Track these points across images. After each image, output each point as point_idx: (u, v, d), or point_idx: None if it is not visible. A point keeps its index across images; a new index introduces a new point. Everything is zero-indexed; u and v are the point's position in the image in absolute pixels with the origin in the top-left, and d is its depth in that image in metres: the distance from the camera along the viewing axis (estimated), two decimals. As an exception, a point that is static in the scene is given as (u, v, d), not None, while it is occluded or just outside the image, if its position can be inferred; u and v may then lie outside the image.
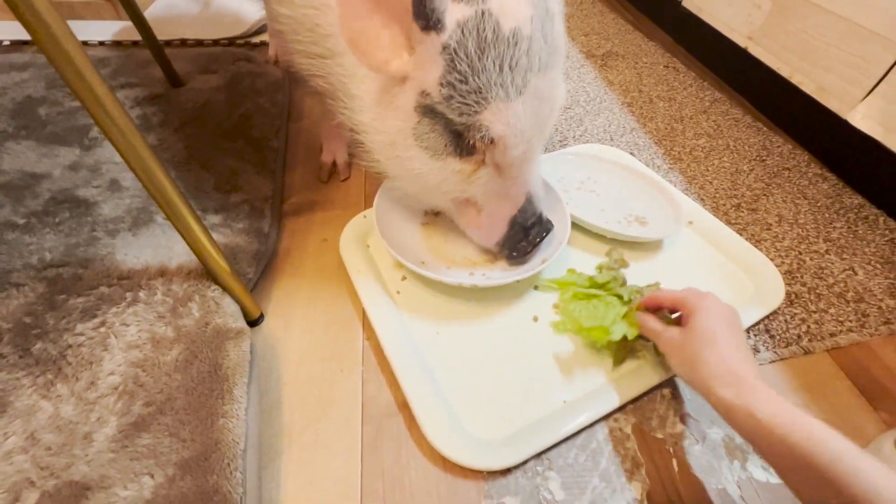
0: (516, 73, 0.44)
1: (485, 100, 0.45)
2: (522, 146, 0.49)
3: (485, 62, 0.43)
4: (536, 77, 0.45)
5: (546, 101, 0.48)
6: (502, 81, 0.44)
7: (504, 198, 0.55)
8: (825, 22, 0.80)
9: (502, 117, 0.45)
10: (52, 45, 0.36)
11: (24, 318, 0.52)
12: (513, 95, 0.45)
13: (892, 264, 0.69)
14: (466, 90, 0.44)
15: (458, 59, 0.43)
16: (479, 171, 0.52)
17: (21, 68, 1.01)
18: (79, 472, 0.42)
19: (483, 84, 0.44)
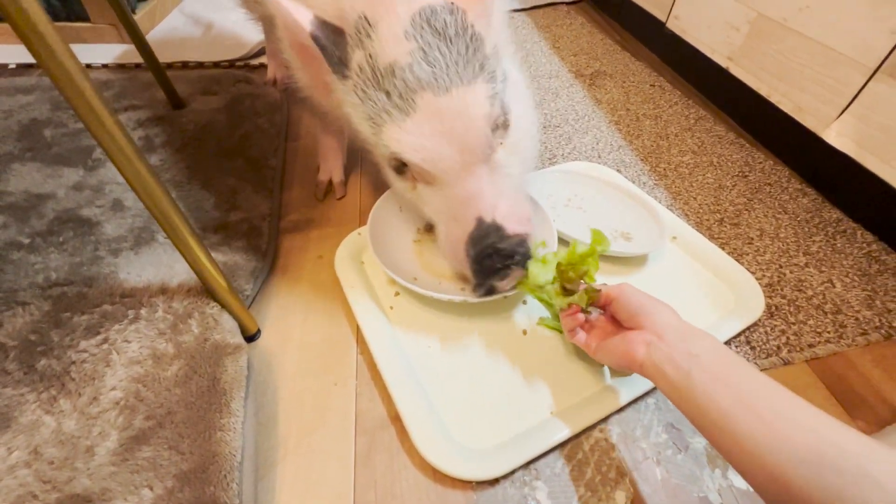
0: (395, 98, 0.49)
1: (377, 124, 0.51)
2: (432, 162, 0.50)
3: (369, 94, 0.50)
4: (425, 97, 0.48)
5: (454, 119, 0.48)
6: (386, 108, 0.49)
7: (453, 220, 0.55)
8: (798, 44, 0.84)
9: (394, 136, 0.50)
10: (56, 69, 0.38)
11: (29, 335, 0.54)
12: (399, 117, 0.49)
13: (869, 276, 0.71)
14: (366, 116, 0.51)
15: (359, 93, 0.51)
16: (416, 188, 0.56)
17: (27, 91, 1.04)
18: (81, 486, 0.44)
19: (371, 111, 0.50)
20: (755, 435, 0.34)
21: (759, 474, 0.35)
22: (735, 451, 0.36)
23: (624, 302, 0.50)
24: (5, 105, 0.99)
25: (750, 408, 0.35)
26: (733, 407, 0.36)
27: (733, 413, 0.36)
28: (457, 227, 0.54)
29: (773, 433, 0.34)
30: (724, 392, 0.37)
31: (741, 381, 0.37)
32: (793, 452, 0.32)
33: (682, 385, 0.40)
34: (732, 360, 0.40)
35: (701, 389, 0.39)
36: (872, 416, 0.56)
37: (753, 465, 0.35)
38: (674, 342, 0.43)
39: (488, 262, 0.53)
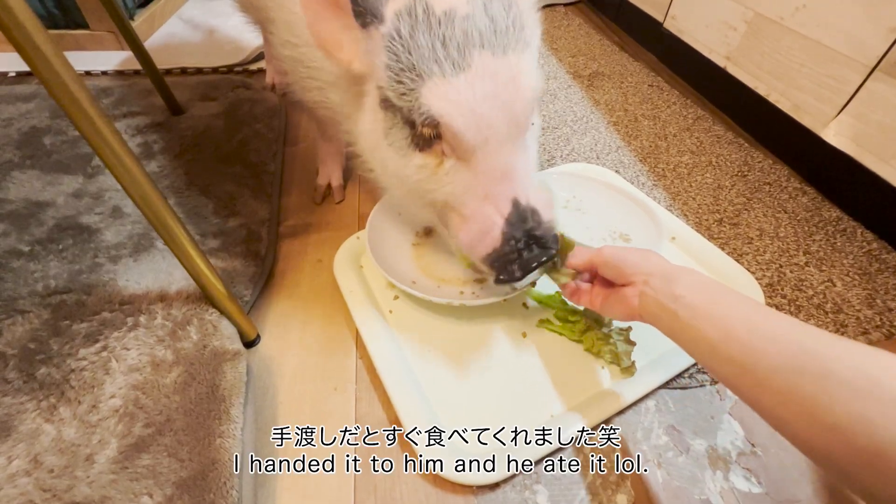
0: (451, 48, 0.43)
1: (420, 76, 0.44)
2: (477, 129, 0.45)
3: (417, 40, 0.43)
4: (483, 55, 0.44)
5: (506, 84, 0.45)
6: (436, 57, 0.43)
7: (481, 199, 0.48)
8: (795, 43, 0.84)
9: (441, 93, 0.44)
10: (51, 78, 0.38)
11: (29, 343, 0.54)
12: (450, 71, 0.43)
13: (870, 275, 0.71)
14: (401, 68, 0.45)
15: (394, 41, 0.44)
16: (443, 164, 0.48)
17: (26, 99, 1.05)
18: (80, 494, 0.44)
19: (416, 60, 0.44)
20: (737, 357, 0.36)
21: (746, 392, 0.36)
22: (725, 374, 0.38)
23: (608, 265, 0.51)
24: (5, 113, 0.99)
25: (730, 334, 0.37)
26: (717, 336, 0.38)
27: (717, 342, 0.38)
28: (489, 207, 0.48)
29: (752, 352, 0.35)
30: (708, 325, 0.39)
31: (722, 311, 0.39)
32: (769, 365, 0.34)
33: (673, 325, 0.42)
34: (713, 293, 0.41)
35: (688, 325, 0.40)
36: (874, 416, 0.56)
37: (741, 384, 0.37)
38: (659, 286, 0.44)
39: (529, 255, 0.48)
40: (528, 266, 0.48)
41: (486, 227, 0.49)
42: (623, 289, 0.49)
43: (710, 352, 0.39)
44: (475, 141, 0.45)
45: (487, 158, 0.47)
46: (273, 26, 0.62)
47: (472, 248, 0.51)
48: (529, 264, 0.48)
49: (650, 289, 0.45)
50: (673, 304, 0.42)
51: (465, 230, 0.51)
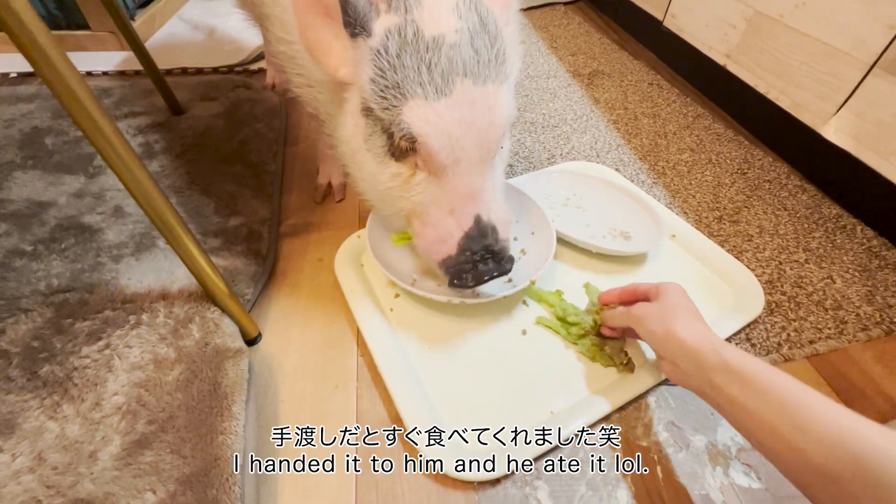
0: (436, 73, 0.46)
1: (403, 95, 0.47)
2: (451, 151, 0.48)
3: (403, 60, 0.46)
4: (464, 83, 0.47)
5: (482, 113, 0.48)
6: (421, 80, 0.46)
7: (448, 212, 0.53)
8: (795, 41, 0.84)
9: (421, 114, 0.46)
10: (54, 78, 0.38)
11: (32, 342, 0.55)
12: (432, 95, 0.46)
13: (870, 272, 0.71)
14: (386, 85, 0.47)
15: (381, 57, 0.46)
16: (415, 175, 0.52)
17: (28, 100, 1.05)
18: (84, 490, 0.44)
19: (401, 80, 0.46)
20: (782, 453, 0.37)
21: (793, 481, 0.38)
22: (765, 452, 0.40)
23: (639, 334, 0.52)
24: (7, 114, 1.00)
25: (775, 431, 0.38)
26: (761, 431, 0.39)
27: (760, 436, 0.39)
28: (452, 222, 0.53)
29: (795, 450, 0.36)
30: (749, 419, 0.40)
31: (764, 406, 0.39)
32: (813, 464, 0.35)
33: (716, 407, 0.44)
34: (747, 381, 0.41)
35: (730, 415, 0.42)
36: (874, 412, 0.56)
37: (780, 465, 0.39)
38: (691, 372, 0.45)
39: (486, 267, 0.53)
40: (481, 277, 0.53)
41: (444, 237, 0.53)
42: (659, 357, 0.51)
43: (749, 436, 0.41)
44: (448, 161, 0.49)
45: (457, 177, 0.51)
46: (268, 22, 0.62)
47: (428, 253, 0.56)
48: (482, 276, 0.53)
49: (682, 370, 0.47)
50: (709, 389, 0.43)
51: (423, 236, 0.55)
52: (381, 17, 0.47)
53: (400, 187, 0.53)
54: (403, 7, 0.46)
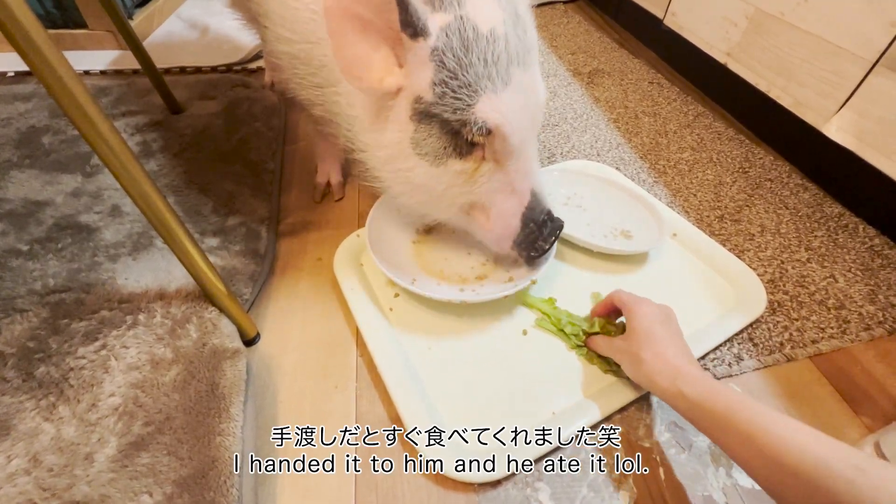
0: (499, 66, 0.48)
1: (475, 92, 0.48)
2: (518, 134, 0.51)
3: (471, 58, 0.47)
4: (518, 71, 0.50)
5: (531, 95, 0.52)
6: (489, 74, 0.48)
7: (510, 194, 0.56)
8: (797, 39, 0.84)
9: (495, 106, 0.49)
10: (49, 76, 0.37)
11: (27, 342, 0.54)
12: (500, 87, 0.49)
13: (872, 271, 0.71)
14: (458, 85, 0.48)
15: (447, 58, 0.47)
16: (480, 168, 0.53)
17: (25, 99, 1.04)
18: (80, 493, 0.44)
19: (472, 78, 0.48)
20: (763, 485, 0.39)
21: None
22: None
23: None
24: (4, 113, 0.99)
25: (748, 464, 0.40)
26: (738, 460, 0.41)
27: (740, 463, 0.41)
28: (514, 199, 0.56)
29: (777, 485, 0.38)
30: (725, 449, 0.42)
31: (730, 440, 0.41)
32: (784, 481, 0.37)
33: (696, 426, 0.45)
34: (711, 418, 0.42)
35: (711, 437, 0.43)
36: (877, 412, 0.55)
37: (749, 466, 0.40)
38: (669, 401, 0.47)
39: (549, 227, 0.57)
40: (550, 238, 0.58)
41: (511, 219, 0.57)
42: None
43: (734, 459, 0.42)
44: (516, 145, 0.52)
45: (519, 159, 0.54)
46: (267, 20, 0.61)
47: (500, 240, 0.59)
48: (550, 237, 0.58)
49: (662, 399, 0.48)
50: (688, 420, 0.45)
51: (491, 225, 0.58)
52: (431, 16, 0.47)
53: (464, 183, 0.54)
54: (453, 4, 0.47)
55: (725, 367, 0.59)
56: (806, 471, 0.34)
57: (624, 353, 0.52)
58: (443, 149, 0.52)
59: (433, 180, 0.54)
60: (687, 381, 0.45)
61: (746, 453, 0.39)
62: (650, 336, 0.50)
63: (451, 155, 0.52)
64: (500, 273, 0.67)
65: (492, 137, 0.51)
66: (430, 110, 0.50)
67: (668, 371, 0.47)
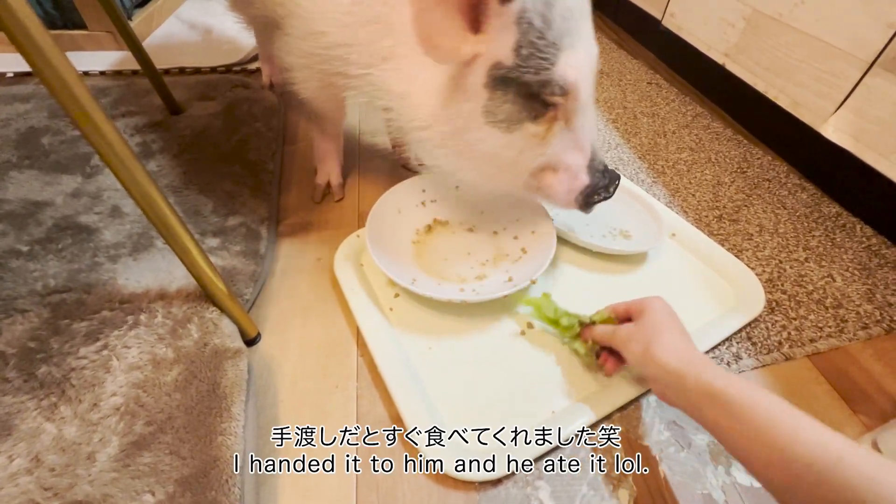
0: (573, 21, 0.50)
1: (559, 50, 0.49)
2: (587, 89, 0.53)
3: (553, 17, 0.48)
4: (584, 24, 0.51)
5: (593, 46, 0.53)
6: (568, 30, 0.49)
7: (576, 150, 0.57)
8: (795, 39, 0.84)
9: (573, 63, 0.50)
10: (51, 77, 0.37)
11: (29, 342, 0.54)
12: (577, 42, 0.50)
13: (869, 270, 0.71)
14: (545, 44, 0.49)
15: (534, 18, 0.48)
16: (552, 128, 0.54)
17: (24, 99, 1.04)
18: (82, 492, 0.44)
19: (556, 36, 0.49)
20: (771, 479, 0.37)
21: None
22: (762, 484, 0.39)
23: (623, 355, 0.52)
24: (3, 114, 0.99)
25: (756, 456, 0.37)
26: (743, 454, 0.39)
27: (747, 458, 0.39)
28: (580, 155, 0.58)
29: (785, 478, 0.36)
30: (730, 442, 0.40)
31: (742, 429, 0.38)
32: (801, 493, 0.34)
33: (702, 425, 0.43)
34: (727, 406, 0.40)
35: (714, 432, 0.41)
36: (874, 410, 0.56)
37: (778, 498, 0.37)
38: (672, 395, 0.46)
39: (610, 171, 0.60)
40: (610, 188, 0.60)
41: (578, 173, 0.58)
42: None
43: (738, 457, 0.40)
44: (586, 100, 0.54)
45: (584, 115, 0.55)
46: (292, 20, 0.61)
47: (569, 195, 0.60)
48: (611, 186, 0.60)
49: (665, 390, 0.46)
50: (692, 411, 0.43)
51: (559, 182, 0.59)
52: None
53: (536, 146, 0.55)
54: None
55: (724, 366, 0.60)
56: (823, 465, 0.33)
57: (631, 338, 0.50)
58: (517, 113, 0.52)
59: (506, 148, 0.55)
60: (698, 366, 0.43)
61: (754, 445, 0.37)
62: (663, 324, 0.49)
63: (525, 119, 0.53)
64: (499, 273, 0.67)
65: (569, 96, 0.52)
66: (509, 75, 0.50)
67: (680, 355, 0.45)
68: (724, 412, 0.39)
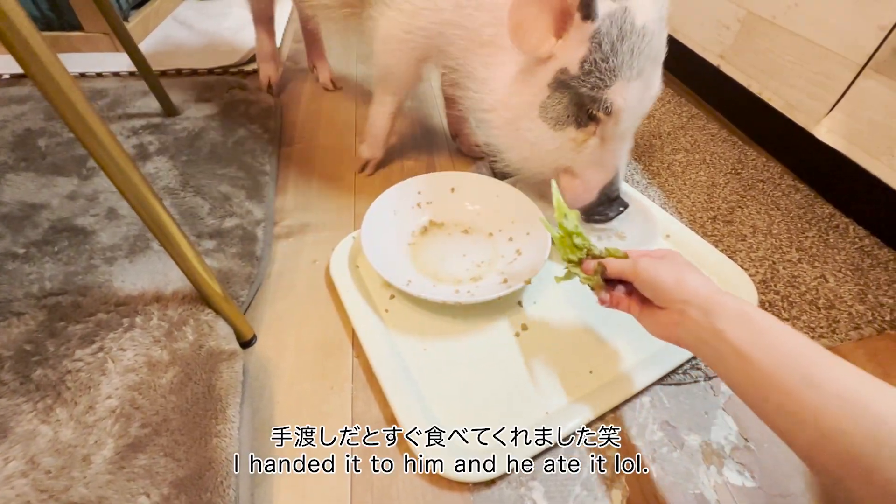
0: (638, 59, 0.55)
1: (615, 77, 0.56)
2: (630, 121, 0.60)
3: (622, 47, 0.54)
4: (649, 66, 0.57)
5: (650, 90, 0.59)
6: (631, 64, 0.55)
7: (600, 168, 0.64)
8: (788, 42, 0.85)
9: (624, 93, 0.56)
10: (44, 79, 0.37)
11: (24, 345, 0.54)
12: (633, 77, 0.56)
13: (862, 271, 0.72)
14: (606, 68, 0.55)
15: (604, 42, 0.54)
16: (589, 140, 0.62)
17: (21, 101, 1.04)
18: (77, 494, 0.44)
19: (618, 64, 0.55)
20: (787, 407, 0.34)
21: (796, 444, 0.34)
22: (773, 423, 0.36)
23: (643, 283, 0.47)
24: (-1, 115, 0.99)
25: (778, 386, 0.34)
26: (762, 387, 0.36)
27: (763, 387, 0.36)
28: (602, 174, 0.65)
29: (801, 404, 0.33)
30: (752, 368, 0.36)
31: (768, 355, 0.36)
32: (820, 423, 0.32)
33: (716, 362, 0.40)
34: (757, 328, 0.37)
35: (732, 366, 0.38)
36: (866, 410, 0.56)
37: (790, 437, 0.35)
38: (698, 318, 0.41)
39: (616, 203, 0.67)
40: (613, 214, 0.68)
41: (591, 188, 0.66)
42: (659, 311, 0.46)
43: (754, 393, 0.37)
44: (624, 131, 0.61)
45: (620, 141, 0.63)
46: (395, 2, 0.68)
47: (576, 201, 0.68)
48: (614, 213, 0.68)
49: (689, 320, 0.42)
50: (714, 340, 0.39)
51: (572, 188, 0.67)
52: (601, 2, 0.54)
53: (571, 149, 0.63)
54: None
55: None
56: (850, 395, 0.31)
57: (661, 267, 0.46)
58: (566, 117, 0.60)
59: (548, 141, 0.63)
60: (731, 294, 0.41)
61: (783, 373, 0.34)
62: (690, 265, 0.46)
63: (570, 123, 0.61)
64: (494, 274, 0.67)
65: (609, 118, 0.59)
66: (570, 82, 0.58)
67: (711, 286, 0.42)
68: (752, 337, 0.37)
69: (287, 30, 1.49)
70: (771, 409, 0.35)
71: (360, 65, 1.32)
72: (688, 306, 0.42)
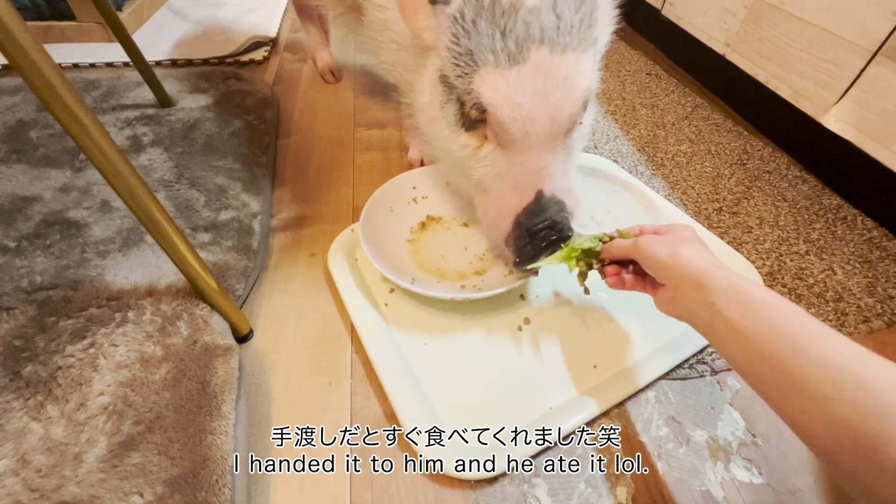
0: (510, 40, 0.44)
1: (475, 63, 0.46)
2: (521, 123, 0.46)
3: (478, 26, 0.45)
4: (541, 51, 0.44)
5: (558, 83, 0.46)
6: (493, 47, 0.44)
7: (510, 188, 0.51)
8: (796, 28, 0.82)
9: (492, 83, 0.45)
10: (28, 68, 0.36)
11: (14, 341, 0.53)
12: (504, 63, 0.45)
13: (870, 263, 0.70)
14: (459, 52, 0.46)
15: (456, 23, 0.46)
16: (483, 147, 0.51)
17: (12, 92, 1.02)
18: (69, 493, 0.43)
19: (474, 46, 0.45)
20: (781, 379, 0.33)
21: (785, 413, 0.34)
22: (765, 389, 0.35)
23: (643, 261, 0.46)
24: (-10, 107, 0.97)
25: (769, 358, 0.34)
26: (754, 359, 0.35)
27: (755, 359, 0.35)
28: (514, 196, 0.51)
29: (791, 374, 0.32)
30: (743, 340, 0.36)
31: (760, 327, 0.35)
32: (813, 391, 0.31)
33: (709, 334, 0.40)
34: (749, 301, 0.37)
35: (724, 337, 0.38)
36: (876, 405, 0.55)
37: (780, 407, 0.34)
38: (691, 294, 0.41)
39: (541, 235, 0.51)
40: (538, 251, 0.51)
41: (503, 213, 0.53)
42: (661, 288, 0.46)
43: (746, 365, 0.36)
44: (517, 134, 0.47)
45: (524, 151, 0.49)
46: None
47: (491, 233, 0.57)
48: (539, 250, 0.51)
49: (682, 295, 0.42)
50: (706, 313, 0.39)
51: (484, 212, 0.56)
52: None
53: (468, 157, 0.52)
54: None
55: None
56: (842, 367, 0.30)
57: (657, 242, 0.45)
58: (455, 117, 0.51)
59: (448, 147, 0.54)
60: (728, 268, 0.40)
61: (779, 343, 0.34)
62: (692, 238, 0.46)
63: (461, 125, 0.51)
64: (498, 267, 0.66)
65: (489, 117, 0.47)
66: (447, 76, 0.49)
67: (708, 260, 0.41)
68: (744, 310, 0.36)
69: (284, 18, 1.46)
70: (763, 381, 0.35)
71: (358, 55, 1.29)
72: (681, 281, 0.42)
